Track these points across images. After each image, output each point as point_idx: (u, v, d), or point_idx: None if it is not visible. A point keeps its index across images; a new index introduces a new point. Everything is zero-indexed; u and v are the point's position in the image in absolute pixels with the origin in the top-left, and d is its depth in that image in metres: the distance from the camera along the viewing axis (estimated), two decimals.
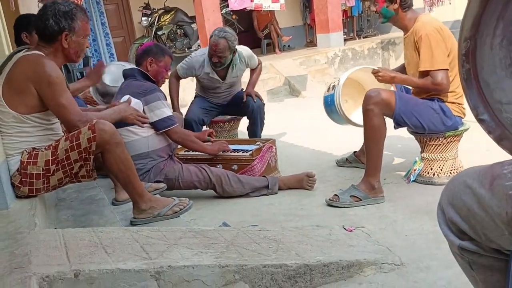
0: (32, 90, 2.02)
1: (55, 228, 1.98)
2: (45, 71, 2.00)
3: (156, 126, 2.84)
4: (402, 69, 3.04)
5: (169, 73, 3.22)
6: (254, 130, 3.88)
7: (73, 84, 2.95)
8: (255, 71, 4.02)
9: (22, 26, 2.92)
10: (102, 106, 3.11)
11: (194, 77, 3.95)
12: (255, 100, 3.78)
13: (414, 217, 2.40)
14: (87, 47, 2.27)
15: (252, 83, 3.96)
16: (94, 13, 8.56)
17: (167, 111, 2.87)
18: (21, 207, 1.96)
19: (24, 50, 2.13)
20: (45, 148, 2.08)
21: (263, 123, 3.92)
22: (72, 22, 2.09)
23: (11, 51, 2.97)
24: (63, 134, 2.22)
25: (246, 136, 3.96)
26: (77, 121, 2.06)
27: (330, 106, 3.18)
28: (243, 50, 3.90)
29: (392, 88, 3.04)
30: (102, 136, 2.04)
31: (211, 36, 3.67)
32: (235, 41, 3.69)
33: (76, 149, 2.04)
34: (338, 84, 3.12)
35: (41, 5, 4.47)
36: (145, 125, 2.60)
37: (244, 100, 3.79)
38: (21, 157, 2.05)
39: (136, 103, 2.56)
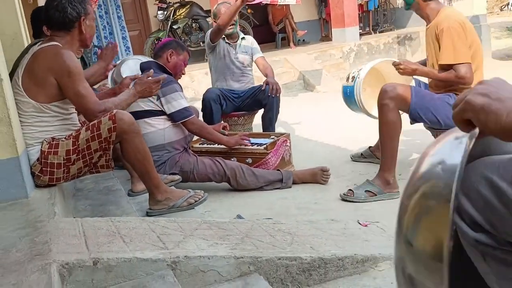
0: (52, 80, 2.06)
1: (74, 217, 2.02)
2: (65, 61, 2.04)
3: (173, 117, 2.87)
4: (422, 62, 3.01)
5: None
6: (270, 117, 3.87)
7: (88, 69, 2.98)
8: (268, 67, 4.08)
9: (41, 18, 2.93)
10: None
11: (208, 56, 4.13)
12: (273, 94, 3.78)
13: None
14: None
15: (270, 75, 4.00)
16: (111, 6, 8.62)
17: (184, 103, 2.89)
18: (41, 196, 2.00)
19: (40, 42, 2.17)
20: (65, 138, 2.12)
21: (278, 111, 3.91)
22: (86, 5, 2.17)
23: (30, 43, 3.02)
24: (80, 124, 2.26)
25: (261, 130, 3.96)
26: (95, 110, 2.10)
27: (350, 97, 3.17)
28: (249, 36, 4.28)
29: (413, 80, 3.02)
30: (122, 126, 2.07)
31: (215, 9, 4.14)
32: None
33: (97, 138, 2.08)
34: (358, 77, 3.10)
35: None
36: (160, 116, 2.64)
37: (262, 88, 3.83)
38: (41, 146, 2.10)
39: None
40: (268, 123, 3.89)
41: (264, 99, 3.82)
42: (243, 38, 4.12)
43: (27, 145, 2.10)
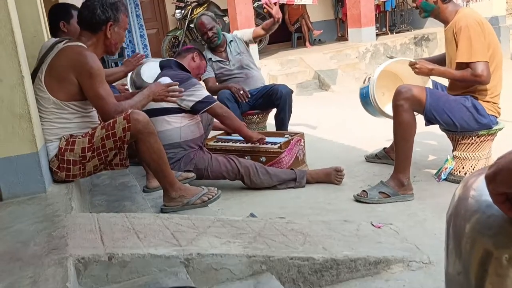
0: (73, 79, 2.10)
1: (90, 213, 2.05)
2: (87, 62, 2.09)
3: (198, 107, 2.88)
4: (440, 59, 2.98)
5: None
6: (282, 117, 3.87)
7: (109, 69, 3.04)
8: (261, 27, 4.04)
9: (60, 14, 2.97)
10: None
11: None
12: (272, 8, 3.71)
13: (444, 216, 2.35)
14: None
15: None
16: (130, 5, 8.70)
17: (206, 92, 2.94)
18: (58, 191, 2.03)
19: (66, 41, 2.21)
20: (82, 136, 2.16)
21: (291, 111, 3.91)
22: (117, 13, 2.20)
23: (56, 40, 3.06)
24: (99, 122, 2.29)
25: (275, 129, 3.97)
26: (112, 112, 2.14)
27: (365, 98, 3.16)
28: (235, 32, 4.27)
29: (430, 81, 2.99)
30: (136, 126, 2.10)
31: (194, 25, 4.18)
32: (212, 14, 4.11)
33: (112, 137, 2.11)
34: (373, 76, 3.09)
35: None
36: (178, 115, 2.68)
37: (274, 86, 3.82)
38: (60, 143, 2.14)
39: (165, 80, 2.59)
40: (281, 123, 3.89)
41: (277, 100, 3.83)
42: (231, 41, 4.07)
43: (46, 141, 2.14)
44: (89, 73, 2.09)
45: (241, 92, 3.83)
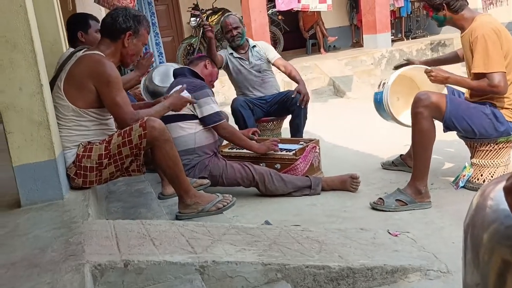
0: (91, 87, 2.13)
1: (107, 219, 2.07)
2: (106, 71, 2.12)
3: (205, 121, 2.91)
4: (450, 57, 2.96)
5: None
6: (297, 124, 3.85)
7: (123, 76, 3.07)
8: (292, 70, 4.04)
9: (78, 24, 3.02)
10: (147, 100, 3.25)
11: (227, 74, 4.16)
12: (302, 105, 3.76)
13: (462, 224, 2.32)
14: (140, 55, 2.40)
15: (300, 81, 3.96)
16: (145, 13, 8.80)
17: (216, 107, 2.94)
18: (75, 198, 2.06)
19: (84, 50, 2.25)
20: (99, 143, 2.19)
21: (306, 118, 3.89)
22: (138, 25, 2.25)
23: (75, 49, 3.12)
24: (116, 129, 2.32)
25: (290, 135, 3.96)
26: (129, 119, 2.17)
27: (379, 103, 3.14)
28: (259, 42, 4.28)
29: (445, 89, 2.96)
30: (152, 133, 2.12)
31: (221, 23, 4.18)
32: (240, 16, 4.19)
33: (128, 144, 2.13)
34: (387, 82, 3.07)
35: (96, 5, 4.66)
36: (192, 120, 2.71)
37: (293, 95, 3.82)
38: (77, 150, 2.17)
39: (185, 93, 2.63)
40: (296, 129, 3.88)
41: (292, 106, 3.82)
42: (254, 46, 4.11)
43: (65, 148, 2.17)
44: (107, 81, 2.12)
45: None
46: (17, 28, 1.89)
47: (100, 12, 5.77)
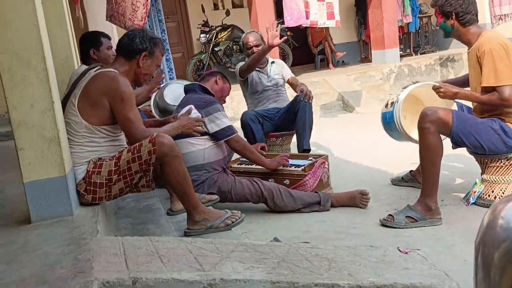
0: (105, 103, 2.17)
1: (115, 236, 2.07)
2: (120, 87, 2.17)
3: (217, 136, 2.92)
4: (465, 80, 2.94)
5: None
6: (303, 122, 3.80)
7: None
8: (297, 81, 4.19)
9: (90, 42, 3.08)
10: (157, 117, 3.29)
11: (242, 85, 4.25)
12: (305, 100, 3.80)
13: (474, 241, 2.29)
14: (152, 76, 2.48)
15: (301, 84, 4.07)
16: (156, 30, 8.91)
17: (227, 121, 2.95)
18: (85, 214, 2.07)
19: (98, 67, 2.30)
20: (109, 159, 2.21)
21: (312, 121, 3.88)
22: (154, 47, 2.32)
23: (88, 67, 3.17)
24: (126, 145, 2.34)
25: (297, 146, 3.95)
26: (139, 136, 2.19)
27: (389, 123, 3.13)
28: (277, 59, 4.44)
29: (455, 105, 2.95)
30: (161, 149, 2.13)
31: (242, 39, 4.22)
32: (261, 34, 4.22)
33: (137, 160, 2.15)
34: (397, 101, 3.06)
35: (108, 22, 4.74)
36: (201, 136, 2.72)
37: (297, 93, 3.88)
38: (88, 166, 2.19)
39: (194, 114, 2.64)
40: (301, 128, 3.83)
41: (296, 106, 3.84)
42: (272, 62, 4.23)
43: (76, 164, 2.19)
44: (121, 97, 2.16)
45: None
46: (30, 46, 1.93)
47: (112, 30, 5.86)
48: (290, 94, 4.33)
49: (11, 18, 1.90)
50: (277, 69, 4.23)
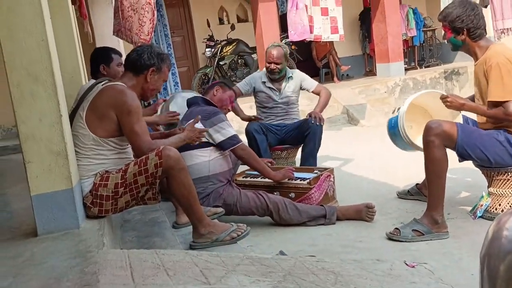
0: (113, 116, 2.20)
1: (121, 249, 2.08)
2: (127, 100, 2.20)
3: (223, 145, 2.92)
4: (470, 99, 2.95)
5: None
6: (311, 148, 3.82)
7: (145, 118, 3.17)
8: (321, 95, 4.13)
9: (101, 58, 3.13)
10: (163, 130, 3.33)
11: (253, 96, 4.24)
12: (316, 122, 3.82)
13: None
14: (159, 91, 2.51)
15: (319, 105, 4.06)
16: (162, 45, 9.03)
17: (232, 130, 2.96)
18: (91, 227, 2.07)
19: (106, 81, 2.33)
20: (115, 172, 2.22)
21: (320, 144, 3.88)
22: (162, 63, 2.36)
23: (87, 80, 3.21)
24: (133, 158, 2.36)
25: (299, 162, 3.95)
26: (145, 148, 2.21)
27: (394, 128, 3.12)
28: (296, 71, 4.31)
29: (460, 116, 2.95)
30: (168, 162, 2.15)
31: (267, 49, 4.12)
32: (288, 49, 4.14)
33: (144, 173, 2.16)
34: (403, 106, 3.07)
35: (115, 37, 4.80)
36: (206, 148, 2.74)
37: (306, 118, 3.87)
38: (95, 179, 2.20)
39: (197, 125, 2.65)
40: (309, 153, 3.85)
41: (306, 130, 3.84)
42: (290, 77, 4.14)
43: (83, 176, 2.21)
44: (128, 110, 2.19)
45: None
46: (39, 61, 1.96)
47: (119, 44, 5.93)
48: (302, 110, 4.34)
49: (22, 35, 1.93)
50: (294, 84, 4.14)
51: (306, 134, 3.86)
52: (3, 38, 1.93)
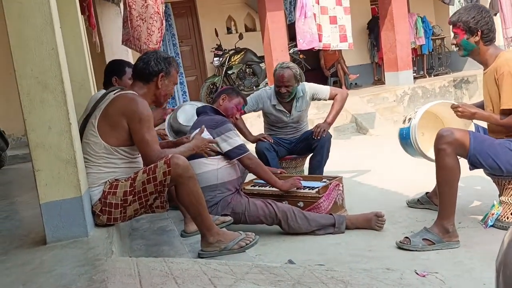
0: (124, 124, 2.21)
1: (130, 257, 2.07)
2: (138, 108, 2.21)
3: (230, 155, 2.91)
4: (480, 105, 2.92)
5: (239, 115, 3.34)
6: (318, 160, 3.80)
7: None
8: (335, 101, 4.03)
9: (113, 70, 3.16)
10: (171, 139, 3.32)
11: (261, 112, 4.09)
12: (318, 137, 3.77)
13: (493, 265, 2.23)
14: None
15: (330, 113, 3.99)
16: (171, 54, 9.10)
17: (239, 140, 2.96)
18: (99, 235, 2.07)
19: (118, 90, 2.34)
20: (124, 180, 2.23)
21: (328, 156, 3.85)
22: (169, 67, 2.37)
23: (97, 90, 3.23)
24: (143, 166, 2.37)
25: (307, 173, 3.93)
26: (155, 157, 2.21)
27: (406, 139, 3.10)
28: (306, 85, 4.10)
29: (472, 125, 2.92)
30: (176, 170, 2.15)
31: (275, 70, 3.93)
32: (298, 69, 3.95)
33: (152, 181, 2.16)
34: (414, 118, 3.05)
35: (123, 47, 4.84)
36: (215, 156, 2.74)
37: (313, 135, 3.81)
38: (104, 187, 2.20)
39: (206, 135, 2.65)
40: (317, 165, 3.83)
41: (314, 142, 3.82)
42: (300, 96, 3.97)
43: (93, 184, 2.21)
44: (139, 118, 2.20)
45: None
46: (48, 70, 1.97)
47: (127, 54, 5.98)
48: (310, 119, 4.26)
49: (32, 45, 1.96)
50: (305, 103, 4.01)
51: (314, 147, 3.84)
52: (13, 46, 1.95)
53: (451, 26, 2.77)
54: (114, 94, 2.31)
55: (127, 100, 2.24)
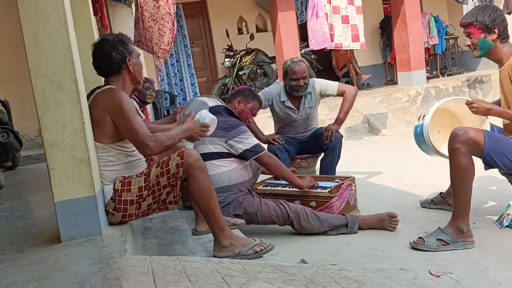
0: (109, 121, 2.19)
1: (143, 255, 2.08)
2: (115, 100, 2.18)
3: (246, 155, 2.91)
4: (496, 103, 2.88)
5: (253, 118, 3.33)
6: (330, 161, 3.79)
7: (160, 121, 3.15)
8: (344, 100, 3.99)
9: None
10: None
11: (270, 111, 4.10)
12: (328, 140, 3.75)
13: (509, 265, 2.21)
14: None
15: (341, 112, 3.95)
16: (182, 55, 9.16)
17: (255, 140, 2.96)
18: (113, 234, 2.08)
19: (96, 89, 2.33)
20: (137, 176, 2.23)
21: (339, 157, 3.84)
22: (127, 46, 2.33)
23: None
24: (144, 159, 2.36)
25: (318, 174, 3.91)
26: (147, 141, 2.16)
27: (419, 136, 3.08)
28: (315, 81, 4.06)
29: (488, 121, 2.88)
30: (188, 161, 2.16)
31: (287, 66, 3.88)
32: (305, 61, 3.95)
33: (166, 174, 2.17)
34: (428, 114, 3.02)
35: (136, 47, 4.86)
36: (227, 159, 2.72)
37: (323, 138, 3.79)
38: (114, 185, 2.21)
39: (212, 119, 2.57)
40: (328, 166, 3.82)
41: (325, 144, 3.80)
42: (309, 93, 3.94)
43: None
44: (119, 108, 2.17)
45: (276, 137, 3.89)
46: (62, 70, 1.99)
47: (139, 55, 6.00)
48: (321, 120, 4.23)
49: (46, 43, 1.98)
50: (313, 99, 3.98)
51: (325, 149, 3.82)
52: (28, 46, 1.97)
53: (463, 28, 2.73)
54: (94, 95, 2.28)
55: (104, 96, 2.22)
